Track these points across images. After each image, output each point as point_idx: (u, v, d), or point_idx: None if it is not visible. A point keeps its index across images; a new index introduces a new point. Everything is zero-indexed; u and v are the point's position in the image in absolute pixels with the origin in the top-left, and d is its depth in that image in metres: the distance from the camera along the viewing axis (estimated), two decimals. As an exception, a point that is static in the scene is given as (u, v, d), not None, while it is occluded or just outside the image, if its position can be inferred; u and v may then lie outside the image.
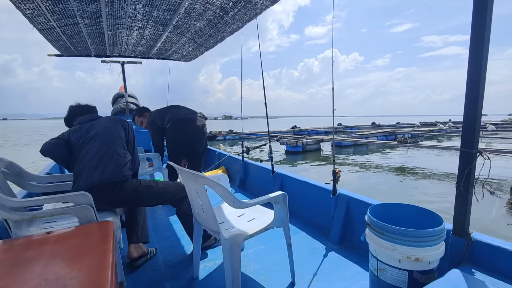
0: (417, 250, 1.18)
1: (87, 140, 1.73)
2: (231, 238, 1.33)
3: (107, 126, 1.81)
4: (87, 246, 1.00)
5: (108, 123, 1.84)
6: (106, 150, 1.69)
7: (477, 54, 1.21)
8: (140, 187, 1.71)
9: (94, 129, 1.78)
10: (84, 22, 2.39)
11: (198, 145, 3.17)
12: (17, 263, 0.88)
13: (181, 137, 3.06)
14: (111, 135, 1.77)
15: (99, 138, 1.73)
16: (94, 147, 1.69)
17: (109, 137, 1.76)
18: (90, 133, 1.75)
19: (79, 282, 0.78)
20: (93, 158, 1.65)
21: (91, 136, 1.74)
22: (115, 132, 1.80)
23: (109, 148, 1.71)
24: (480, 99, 1.23)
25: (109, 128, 1.80)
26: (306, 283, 1.62)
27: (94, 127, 1.80)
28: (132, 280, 1.70)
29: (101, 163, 1.64)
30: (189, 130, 3.06)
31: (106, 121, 1.88)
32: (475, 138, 1.26)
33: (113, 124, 1.86)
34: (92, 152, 1.67)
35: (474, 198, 1.33)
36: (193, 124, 3.09)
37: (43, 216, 1.21)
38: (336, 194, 2.17)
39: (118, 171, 1.66)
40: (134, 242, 1.82)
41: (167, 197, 1.80)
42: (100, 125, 1.82)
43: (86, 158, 1.66)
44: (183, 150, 3.14)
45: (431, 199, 5.46)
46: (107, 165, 1.64)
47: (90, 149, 1.69)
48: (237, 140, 17.36)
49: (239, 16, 2.33)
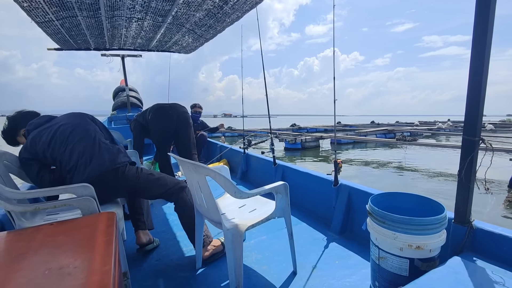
0: (419, 238, 1.18)
1: (63, 141, 1.57)
2: (233, 228, 1.33)
3: (77, 122, 1.67)
4: (90, 237, 1.01)
5: (76, 119, 1.70)
6: (92, 144, 1.60)
7: (481, 40, 1.19)
8: (142, 174, 1.68)
9: (64, 129, 1.61)
10: (82, 14, 2.37)
11: (183, 134, 3.20)
12: (21, 253, 0.89)
13: (164, 126, 3.12)
14: (87, 129, 1.66)
15: (77, 135, 1.60)
16: (77, 144, 1.57)
17: (87, 131, 1.65)
18: (63, 134, 1.58)
19: (83, 271, 0.79)
20: (82, 154, 1.55)
21: (66, 136, 1.58)
22: (90, 126, 1.69)
23: (94, 141, 1.62)
24: (483, 87, 1.21)
25: (81, 124, 1.67)
26: (307, 272, 1.64)
27: (62, 127, 1.61)
28: (136, 270, 1.72)
29: (94, 155, 1.56)
30: (170, 118, 3.12)
31: (70, 117, 1.72)
32: (477, 125, 1.25)
33: (82, 119, 1.72)
34: (78, 150, 1.56)
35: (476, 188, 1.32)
36: (173, 111, 3.15)
37: (46, 207, 1.22)
38: (338, 184, 2.18)
39: (115, 158, 1.61)
40: (141, 229, 1.86)
41: (168, 186, 1.72)
42: (68, 123, 1.65)
43: (74, 157, 1.55)
44: (169, 140, 3.21)
45: (429, 194, 5.46)
46: (101, 155, 1.58)
47: (74, 148, 1.56)
48: (236, 137, 17.36)
49: (238, 6, 2.30)
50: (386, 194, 1.51)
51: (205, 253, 1.74)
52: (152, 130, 3.18)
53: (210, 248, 1.76)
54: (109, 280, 0.73)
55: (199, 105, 5.23)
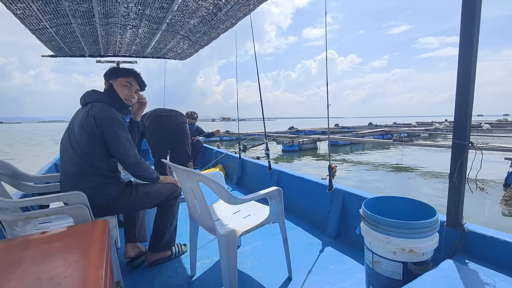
0: (411, 242, 1.19)
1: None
2: (227, 235, 1.33)
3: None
4: (82, 245, 1.00)
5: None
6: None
7: (467, 49, 1.22)
8: (137, 197, 1.63)
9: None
10: (76, 21, 2.37)
11: (179, 145, 3.22)
12: (11, 262, 0.88)
13: (159, 136, 3.14)
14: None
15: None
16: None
17: None
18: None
19: (73, 280, 0.78)
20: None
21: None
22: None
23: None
24: (471, 91, 1.24)
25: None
26: (303, 277, 1.63)
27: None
28: (130, 279, 1.70)
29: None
30: (166, 129, 3.14)
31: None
32: (466, 129, 1.27)
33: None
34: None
35: (468, 190, 1.34)
36: (169, 122, 3.17)
37: (38, 216, 1.21)
38: (332, 189, 2.19)
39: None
40: (131, 241, 1.82)
41: (162, 197, 1.72)
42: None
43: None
44: (165, 148, 3.22)
45: (426, 196, 5.50)
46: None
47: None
48: (233, 141, 17.37)
49: (232, 13, 2.33)
50: (379, 198, 1.52)
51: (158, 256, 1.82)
52: (148, 137, 3.18)
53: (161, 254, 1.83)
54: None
55: (192, 114, 4.90)
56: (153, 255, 1.79)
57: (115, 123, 1.49)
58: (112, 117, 1.49)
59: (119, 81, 1.66)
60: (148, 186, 1.69)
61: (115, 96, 1.63)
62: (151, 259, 1.80)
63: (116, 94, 1.63)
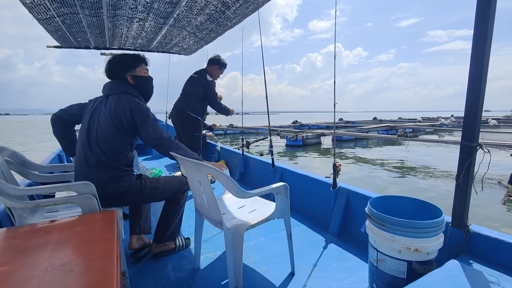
0: (417, 241, 1.20)
1: None
2: (234, 228, 1.34)
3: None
4: (92, 234, 1.01)
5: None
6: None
7: (480, 49, 1.22)
8: (145, 189, 1.64)
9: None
10: (84, 12, 2.36)
11: (183, 134, 3.51)
12: (24, 249, 0.89)
13: (174, 123, 3.60)
14: None
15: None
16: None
17: None
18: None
19: (86, 268, 0.79)
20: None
21: None
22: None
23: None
24: (481, 93, 1.24)
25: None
26: (306, 273, 1.65)
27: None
28: (134, 270, 1.71)
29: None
30: (173, 117, 3.56)
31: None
32: (475, 131, 1.27)
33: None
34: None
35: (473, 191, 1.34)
36: (175, 112, 3.50)
37: (47, 204, 1.22)
38: (336, 187, 2.19)
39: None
40: (136, 233, 1.83)
41: (170, 193, 1.74)
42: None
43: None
44: (178, 136, 3.57)
45: (432, 193, 5.48)
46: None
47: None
48: (237, 135, 17.29)
49: (241, 11, 2.32)
50: (385, 197, 1.52)
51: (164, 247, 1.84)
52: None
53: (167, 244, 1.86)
54: (113, 278, 0.74)
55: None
56: (158, 246, 1.81)
57: (147, 110, 1.58)
58: (142, 106, 1.57)
59: (140, 69, 1.73)
60: (157, 180, 1.72)
61: (144, 88, 1.71)
62: (155, 250, 1.81)
63: (144, 86, 1.71)
